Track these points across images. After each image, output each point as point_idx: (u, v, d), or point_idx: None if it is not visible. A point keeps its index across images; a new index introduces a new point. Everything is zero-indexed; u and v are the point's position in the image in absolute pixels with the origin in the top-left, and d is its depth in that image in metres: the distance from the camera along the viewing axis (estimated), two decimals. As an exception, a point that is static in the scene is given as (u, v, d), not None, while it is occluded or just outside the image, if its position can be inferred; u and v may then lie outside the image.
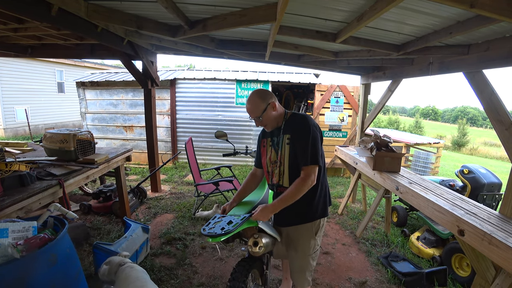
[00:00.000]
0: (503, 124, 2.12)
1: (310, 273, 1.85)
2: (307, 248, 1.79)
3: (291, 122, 1.73)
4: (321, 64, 4.09)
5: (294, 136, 1.68)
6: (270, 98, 1.71)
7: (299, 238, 1.79)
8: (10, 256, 1.35)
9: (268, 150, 1.85)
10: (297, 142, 1.66)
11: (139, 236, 2.68)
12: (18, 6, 2.12)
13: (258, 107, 1.68)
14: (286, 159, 1.72)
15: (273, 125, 1.76)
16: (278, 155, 1.76)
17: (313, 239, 1.78)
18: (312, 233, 1.77)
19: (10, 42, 4.02)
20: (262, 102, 1.68)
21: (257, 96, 1.71)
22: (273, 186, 1.84)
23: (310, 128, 1.64)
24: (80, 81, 6.74)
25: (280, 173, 1.77)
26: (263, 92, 1.74)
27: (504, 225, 1.90)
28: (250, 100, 1.71)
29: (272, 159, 1.82)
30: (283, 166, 1.74)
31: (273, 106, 1.70)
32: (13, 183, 1.87)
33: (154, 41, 3.62)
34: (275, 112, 1.72)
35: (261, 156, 1.93)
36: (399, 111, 68.72)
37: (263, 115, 1.69)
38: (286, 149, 1.72)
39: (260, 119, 1.71)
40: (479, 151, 20.11)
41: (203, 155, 6.73)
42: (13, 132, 10.61)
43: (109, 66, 16.88)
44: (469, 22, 1.89)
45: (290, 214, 1.74)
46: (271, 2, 2.09)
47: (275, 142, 1.80)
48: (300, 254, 1.80)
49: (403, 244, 3.38)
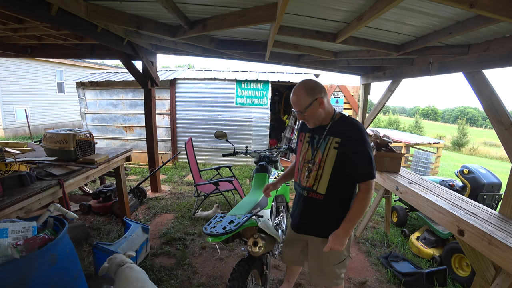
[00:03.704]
0: (503, 124, 2.12)
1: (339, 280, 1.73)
2: (333, 258, 1.68)
3: (342, 126, 1.56)
4: (321, 64, 4.09)
5: (348, 144, 1.51)
6: (318, 93, 1.53)
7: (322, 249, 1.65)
8: (10, 256, 1.35)
9: (304, 146, 1.70)
10: (353, 152, 1.50)
11: (139, 236, 2.68)
12: (18, 6, 2.12)
13: (303, 101, 1.53)
14: (329, 164, 1.55)
15: (316, 122, 1.61)
16: (314, 155, 1.61)
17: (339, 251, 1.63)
18: None
19: (9, 42, 4.02)
20: (308, 96, 1.52)
21: (304, 88, 1.54)
22: (303, 188, 1.68)
23: (366, 138, 1.50)
24: (80, 81, 6.74)
25: (316, 177, 1.60)
26: (312, 84, 1.55)
27: (504, 225, 1.90)
28: (295, 92, 1.55)
29: (306, 157, 1.66)
30: (321, 170, 1.57)
31: (320, 102, 1.53)
32: (13, 183, 1.87)
33: (154, 41, 3.62)
34: (321, 110, 1.55)
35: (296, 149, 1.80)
36: (399, 111, 68.73)
37: (307, 110, 1.53)
38: (331, 153, 1.54)
39: (303, 114, 1.56)
40: (479, 151, 20.11)
41: (203, 155, 6.74)
42: (13, 132, 10.60)
43: (109, 66, 16.89)
44: (469, 22, 1.89)
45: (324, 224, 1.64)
46: (271, 2, 2.09)
47: (315, 140, 1.63)
48: (325, 264, 1.70)
49: (403, 244, 3.38)
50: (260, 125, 6.66)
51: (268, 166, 2.64)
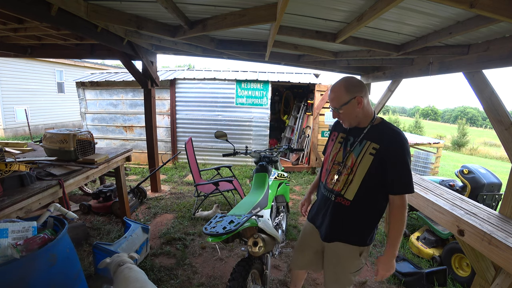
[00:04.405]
0: (503, 124, 2.12)
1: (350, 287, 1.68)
2: (352, 266, 1.60)
3: (382, 132, 1.47)
4: (321, 64, 4.09)
5: (387, 152, 1.41)
6: (358, 91, 1.45)
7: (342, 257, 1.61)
8: (10, 256, 1.35)
9: (335, 147, 1.62)
10: (392, 162, 1.40)
11: (139, 236, 2.68)
12: (18, 6, 2.12)
13: (340, 98, 1.46)
14: (362, 170, 1.46)
15: (352, 122, 1.53)
16: (346, 158, 1.53)
17: (357, 259, 1.58)
18: (357, 254, 1.58)
19: (9, 42, 4.02)
20: (346, 93, 1.45)
21: (343, 84, 1.47)
22: (330, 192, 1.60)
23: (408, 149, 1.41)
24: (80, 81, 6.74)
25: (346, 182, 1.52)
26: (352, 82, 1.48)
27: (504, 225, 1.90)
28: (334, 88, 1.49)
29: (337, 159, 1.59)
30: (353, 175, 1.49)
31: (358, 101, 1.45)
32: (13, 183, 1.87)
33: (154, 41, 3.62)
34: (359, 110, 1.47)
35: (326, 148, 1.74)
36: (399, 111, 68.76)
37: (343, 107, 1.46)
38: (366, 158, 1.45)
39: (338, 111, 1.49)
40: (479, 151, 20.11)
41: (203, 155, 6.73)
42: (13, 132, 10.60)
43: (109, 66, 16.88)
44: (469, 22, 1.89)
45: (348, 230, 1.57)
46: (271, 2, 2.09)
47: (349, 142, 1.56)
48: (340, 271, 1.63)
49: (403, 244, 3.38)
50: (260, 125, 6.66)
51: (268, 166, 2.64)
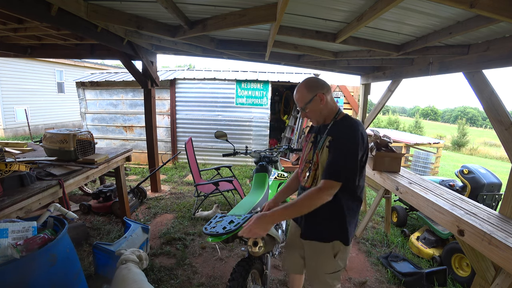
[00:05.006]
0: (503, 124, 2.12)
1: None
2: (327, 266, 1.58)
3: (340, 125, 1.51)
4: (321, 64, 4.09)
5: (334, 142, 1.46)
6: (319, 89, 1.52)
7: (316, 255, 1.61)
8: (10, 256, 1.35)
9: (308, 146, 1.67)
10: (333, 149, 1.44)
11: (139, 236, 2.68)
12: (18, 6, 2.12)
13: (303, 97, 1.53)
14: (322, 163, 1.51)
15: (319, 120, 1.59)
16: (314, 155, 1.58)
17: (332, 260, 1.56)
18: (331, 254, 1.55)
19: (9, 42, 4.02)
20: (308, 92, 1.52)
21: (304, 85, 1.54)
22: (303, 189, 1.64)
23: (356, 141, 1.40)
24: (80, 81, 6.75)
25: (314, 178, 1.56)
26: (312, 81, 1.56)
27: (504, 225, 1.90)
28: (297, 89, 1.56)
29: (307, 157, 1.64)
30: (318, 170, 1.54)
31: (321, 98, 1.51)
32: (13, 183, 1.87)
33: (154, 41, 3.62)
34: (323, 106, 1.53)
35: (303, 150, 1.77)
36: (399, 111, 68.67)
37: (307, 106, 1.53)
38: (324, 152, 1.50)
39: (304, 110, 1.56)
40: (479, 151, 20.11)
41: (203, 155, 6.74)
42: (13, 132, 10.60)
43: (109, 66, 16.88)
44: (469, 22, 1.89)
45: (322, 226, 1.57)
46: (271, 2, 2.09)
47: (317, 140, 1.60)
48: (319, 272, 1.61)
49: (403, 244, 3.38)
50: (260, 125, 6.66)
51: (268, 166, 2.64)
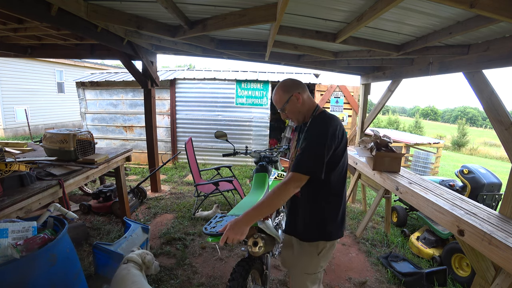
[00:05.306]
0: (503, 124, 2.12)
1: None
2: (306, 265, 1.60)
3: (314, 120, 1.54)
4: (321, 64, 4.09)
5: (305, 135, 1.49)
6: (294, 89, 1.55)
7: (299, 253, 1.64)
8: (10, 256, 1.34)
9: (293, 145, 1.71)
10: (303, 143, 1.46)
11: (139, 236, 2.67)
12: (18, 6, 2.12)
13: (280, 98, 1.56)
14: None
15: (299, 119, 1.61)
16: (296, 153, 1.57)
17: (315, 258, 1.57)
18: (314, 253, 1.57)
19: (9, 42, 4.02)
20: (284, 93, 1.55)
21: (280, 87, 1.58)
22: None
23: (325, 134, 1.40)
24: (80, 81, 6.75)
25: None
26: (288, 82, 1.59)
27: (504, 225, 1.90)
28: (275, 91, 1.60)
29: (292, 156, 1.66)
30: None
31: (297, 97, 1.54)
32: (13, 183, 1.87)
33: (154, 41, 3.62)
34: (300, 105, 1.55)
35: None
36: (399, 111, 68.61)
37: (286, 106, 1.56)
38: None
39: (283, 111, 1.59)
40: (479, 151, 20.09)
41: (203, 155, 6.73)
42: (13, 132, 10.60)
43: (109, 66, 16.87)
44: (469, 22, 1.89)
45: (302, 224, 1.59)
46: (271, 2, 2.09)
47: (299, 137, 1.62)
48: (298, 271, 1.64)
49: (403, 244, 3.38)
50: (260, 125, 6.66)
51: (268, 166, 2.63)
